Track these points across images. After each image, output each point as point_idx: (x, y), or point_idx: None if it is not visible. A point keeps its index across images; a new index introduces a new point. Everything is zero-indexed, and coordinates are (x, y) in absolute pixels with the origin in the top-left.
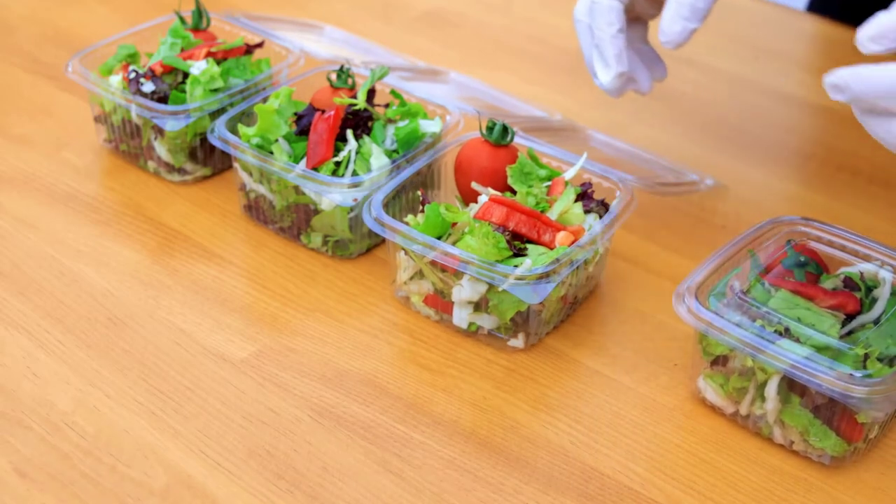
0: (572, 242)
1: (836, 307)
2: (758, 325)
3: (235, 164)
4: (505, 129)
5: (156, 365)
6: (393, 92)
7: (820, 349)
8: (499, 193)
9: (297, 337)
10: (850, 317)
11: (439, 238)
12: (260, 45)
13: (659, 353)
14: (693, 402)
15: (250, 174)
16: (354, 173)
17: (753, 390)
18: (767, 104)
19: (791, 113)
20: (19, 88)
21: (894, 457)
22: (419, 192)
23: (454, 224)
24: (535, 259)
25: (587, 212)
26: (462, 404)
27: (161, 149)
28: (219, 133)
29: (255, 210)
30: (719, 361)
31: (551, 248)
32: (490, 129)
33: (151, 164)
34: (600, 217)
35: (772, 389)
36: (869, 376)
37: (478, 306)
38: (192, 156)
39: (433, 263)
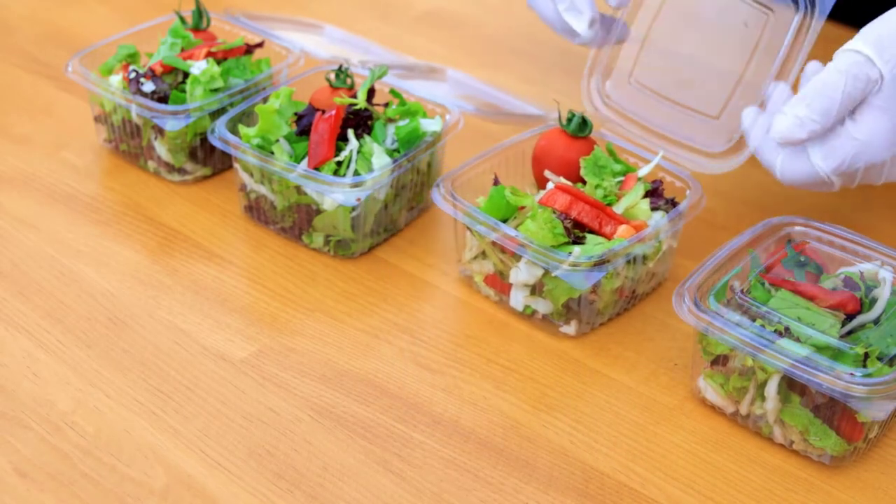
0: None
1: (836, 307)
2: (758, 324)
3: (236, 165)
4: (583, 122)
5: (156, 365)
6: (392, 91)
7: (820, 349)
8: (568, 182)
9: (297, 337)
10: (850, 316)
11: (505, 221)
12: (260, 45)
13: (659, 353)
14: (693, 402)
15: (251, 175)
16: (356, 173)
17: (753, 390)
18: None
19: None
20: (19, 88)
21: (894, 456)
22: (494, 175)
23: (521, 208)
24: (587, 248)
25: (654, 209)
26: (462, 404)
27: (161, 149)
28: (219, 133)
29: (256, 211)
30: (719, 361)
31: (610, 239)
32: (569, 120)
33: (151, 164)
34: (667, 214)
35: (772, 389)
36: (869, 375)
37: (534, 290)
38: (192, 156)
39: (494, 244)
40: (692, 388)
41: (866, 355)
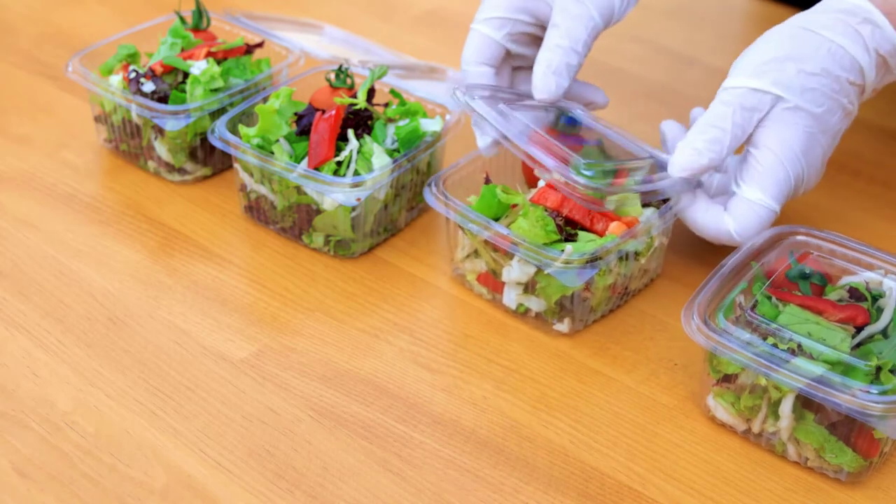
0: (624, 233)
1: (846, 320)
2: (769, 343)
3: (236, 165)
4: (572, 120)
5: (156, 365)
6: (392, 91)
7: (832, 365)
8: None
9: (297, 337)
10: (857, 329)
11: (497, 219)
12: (260, 45)
13: (659, 353)
14: (693, 402)
15: (251, 175)
16: (356, 173)
17: (766, 408)
18: None
19: None
20: (19, 88)
21: None
22: (484, 173)
23: (514, 206)
24: (580, 245)
25: (645, 205)
26: (462, 404)
27: (161, 149)
28: (219, 133)
29: (257, 211)
30: (728, 379)
31: (601, 236)
32: (557, 118)
33: (151, 164)
34: (658, 210)
35: (786, 408)
36: (885, 393)
37: (527, 288)
38: (193, 156)
39: (487, 243)
40: (692, 388)
41: (878, 368)
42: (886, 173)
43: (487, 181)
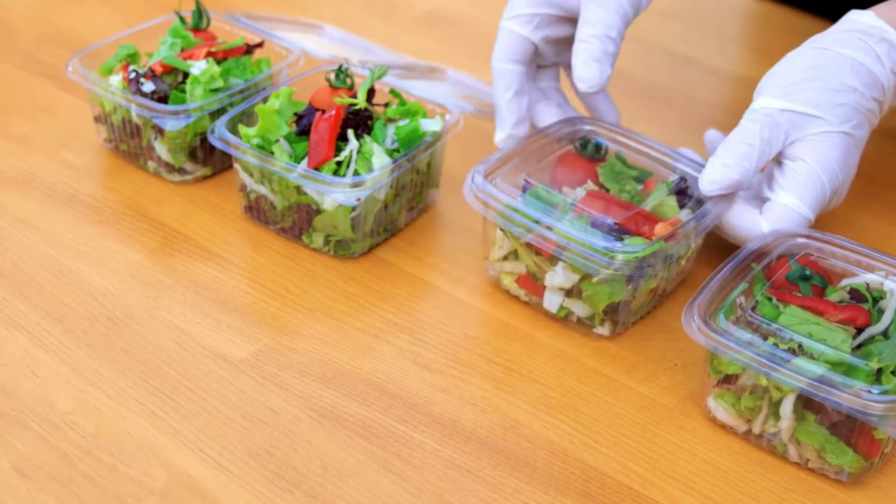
0: (671, 235)
1: (847, 321)
2: (770, 342)
3: (236, 165)
4: (597, 147)
5: (156, 365)
6: (392, 91)
7: (834, 365)
8: (595, 188)
9: (297, 337)
10: (858, 330)
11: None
12: (260, 45)
13: (659, 353)
14: (693, 402)
15: (251, 175)
16: (356, 173)
17: (767, 408)
18: None
19: None
20: (19, 88)
21: None
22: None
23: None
24: (628, 254)
25: (681, 206)
26: (462, 404)
27: (161, 149)
28: (219, 134)
29: (256, 211)
30: (729, 380)
31: (649, 239)
32: (583, 145)
33: (151, 164)
34: (694, 212)
35: (787, 408)
36: (885, 392)
37: (570, 292)
38: (192, 156)
39: (528, 245)
40: (692, 388)
41: (880, 370)
42: (887, 174)
43: (527, 187)
